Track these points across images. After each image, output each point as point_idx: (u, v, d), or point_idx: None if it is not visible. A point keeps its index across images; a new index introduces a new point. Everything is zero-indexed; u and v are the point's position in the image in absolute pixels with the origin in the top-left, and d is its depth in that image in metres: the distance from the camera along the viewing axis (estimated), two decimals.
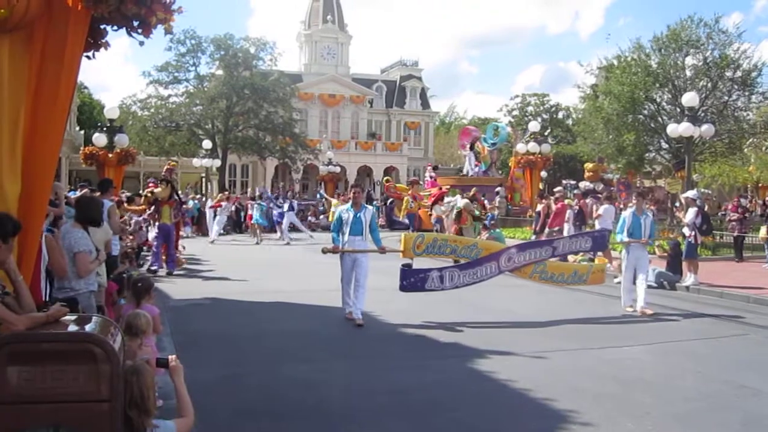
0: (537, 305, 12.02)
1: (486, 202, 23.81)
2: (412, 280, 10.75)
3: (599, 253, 15.31)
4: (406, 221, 32.53)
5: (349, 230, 10.60)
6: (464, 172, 36.67)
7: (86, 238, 6.64)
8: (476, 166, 35.39)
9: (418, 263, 11.47)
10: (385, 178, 38.32)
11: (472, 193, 24.27)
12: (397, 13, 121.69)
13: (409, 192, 26.88)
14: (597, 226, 17.75)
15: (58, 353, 3.73)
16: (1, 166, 4.41)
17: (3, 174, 4.41)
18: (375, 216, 11.27)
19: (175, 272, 16.12)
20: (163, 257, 16.40)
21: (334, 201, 28.84)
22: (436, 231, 21.95)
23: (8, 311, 4.03)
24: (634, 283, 11.69)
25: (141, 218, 16.55)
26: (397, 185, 36.11)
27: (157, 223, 16.39)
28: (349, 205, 10.97)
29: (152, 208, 16.48)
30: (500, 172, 37.05)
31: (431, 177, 37.27)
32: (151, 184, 18.45)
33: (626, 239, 11.77)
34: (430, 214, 25.37)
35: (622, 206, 20.96)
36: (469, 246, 11.41)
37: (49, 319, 4.05)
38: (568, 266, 12.77)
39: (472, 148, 36.32)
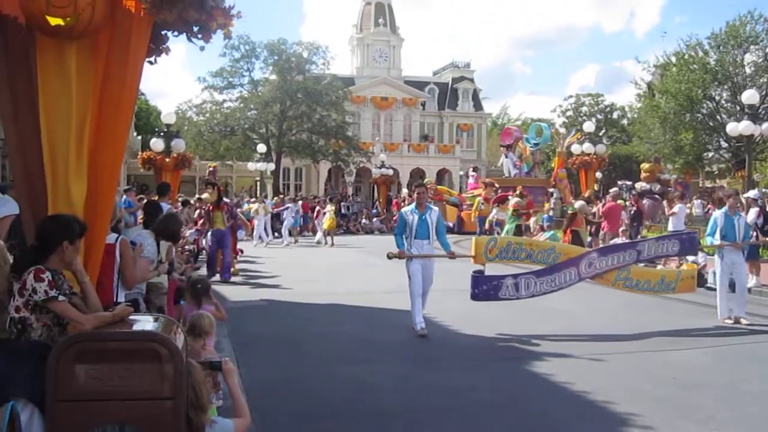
0: (601, 308, 11.82)
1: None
2: (484, 288, 9.90)
3: (689, 258, 13.87)
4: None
5: (414, 234, 9.84)
6: (505, 173, 36.19)
7: (154, 247, 6.81)
8: (517, 166, 34.94)
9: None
10: (427, 180, 38.16)
11: (518, 191, 24.02)
12: (449, 15, 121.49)
13: (482, 194, 25.98)
14: (671, 226, 17.44)
15: (124, 352, 3.83)
16: (68, 169, 4.52)
17: (70, 177, 4.53)
18: (441, 218, 10.43)
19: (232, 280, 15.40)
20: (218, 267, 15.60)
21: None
22: (496, 234, 21.22)
23: (76, 311, 4.14)
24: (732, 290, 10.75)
25: (194, 230, 16.20)
26: (439, 187, 36.03)
27: (210, 229, 15.78)
28: (413, 206, 10.11)
29: (204, 216, 16.08)
30: (544, 173, 36.46)
31: (473, 178, 37.06)
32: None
33: (718, 242, 10.84)
34: (485, 217, 24.81)
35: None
36: (547, 250, 10.45)
37: (115, 318, 4.15)
38: (655, 272, 11.62)
39: (514, 148, 35.89)
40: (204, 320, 5.76)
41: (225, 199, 16.53)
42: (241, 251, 19.17)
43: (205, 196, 16.02)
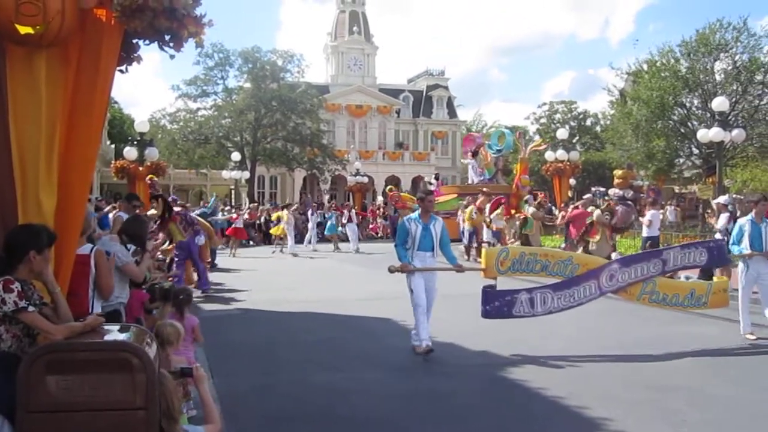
0: (578, 314, 11.84)
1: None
2: (496, 305, 9.11)
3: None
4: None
5: (417, 245, 9.07)
6: (469, 179, 36.08)
7: (124, 250, 6.78)
8: (479, 173, 34.83)
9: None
10: (388, 187, 37.99)
11: (540, 198, 23.41)
12: (424, 23, 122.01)
13: (477, 203, 25.17)
14: (644, 234, 17.47)
15: (94, 362, 3.80)
16: (37, 179, 4.50)
17: (40, 187, 4.50)
18: (445, 228, 9.58)
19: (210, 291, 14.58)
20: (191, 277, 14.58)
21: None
22: (493, 245, 19.92)
23: (46, 321, 4.10)
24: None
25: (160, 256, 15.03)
26: (402, 194, 36.00)
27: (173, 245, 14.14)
28: (416, 214, 9.34)
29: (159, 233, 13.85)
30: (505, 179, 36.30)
31: (435, 186, 36.92)
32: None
33: (748, 251, 9.85)
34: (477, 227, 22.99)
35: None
36: (563, 261, 9.46)
37: (86, 328, 4.13)
38: (684, 285, 10.57)
39: (475, 155, 35.73)
40: (167, 329, 5.61)
41: (175, 209, 14.68)
42: (210, 263, 18.44)
43: (151, 212, 13.39)
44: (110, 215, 12.04)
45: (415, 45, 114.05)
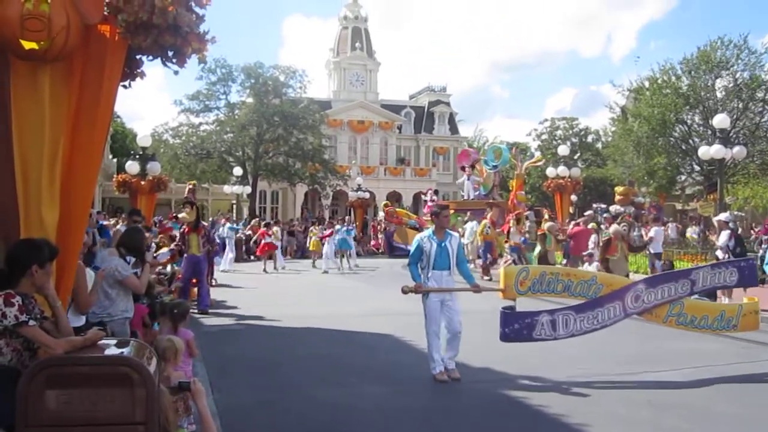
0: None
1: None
2: (516, 327, 8.49)
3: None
4: (404, 246, 32.05)
5: (432, 264, 8.51)
6: (464, 195, 35.97)
7: (124, 263, 6.80)
8: (475, 189, 34.74)
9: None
10: (384, 203, 37.92)
11: (546, 215, 22.84)
12: (426, 40, 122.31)
13: (489, 216, 23.52)
14: (650, 250, 17.34)
15: (95, 377, 3.80)
16: (40, 193, 4.52)
17: (42, 201, 4.53)
18: (462, 246, 9.21)
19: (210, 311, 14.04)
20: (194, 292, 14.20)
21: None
22: (513, 262, 19.27)
23: (47, 335, 4.11)
24: None
25: (167, 250, 14.54)
26: (398, 210, 35.94)
27: (185, 254, 14.05)
28: (430, 232, 8.81)
29: (177, 238, 14.46)
30: (501, 195, 36.08)
31: (432, 201, 36.84)
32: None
33: None
34: (491, 242, 22.21)
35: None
36: (587, 281, 8.92)
37: (86, 342, 4.13)
38: (713, 307, 9.92)
39: (471, 169, 35.61)
40: (164, 343, 5.56)
41: (203, 222, 15.06)
42: (215, 280, 18.45)
43: (182, 215, 14.53)
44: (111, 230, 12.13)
45: (417, 61, 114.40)
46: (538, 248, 18.60)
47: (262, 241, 26.02)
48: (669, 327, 9.29)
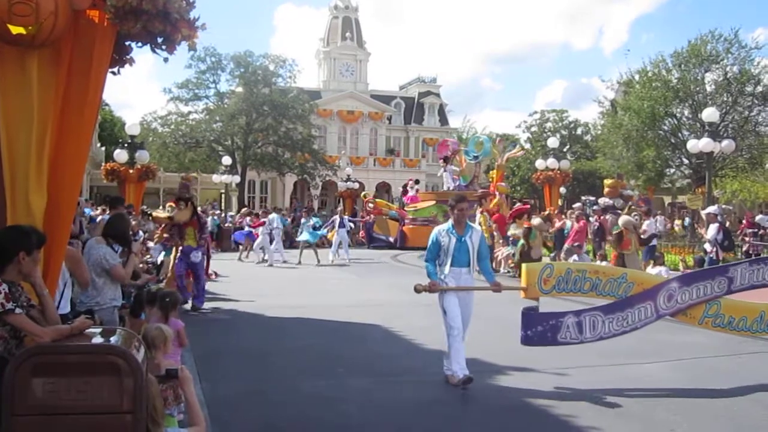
0: None
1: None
2: (539, 330, 7.85)
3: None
4: (384, 238, 31.76)
5: (450, 260, 7.91)
6: (444, 186, 35.86)
7: (112, 252, 6.76)
8: (455, 180, 34.61)
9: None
10: (363, 194, 37.81)
11: (550, 210, 22.35)
12: (416, 30, 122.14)
13: (482, 208, 22.43)
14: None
15: (82, 365, 3.77)
16: (27, 180, 4.48)
17: (29, 187, 4.48)
18: (484, 240, 8.58)
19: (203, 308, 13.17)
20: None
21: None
22: (513, 255, 19.09)
23: (33, 323, 4.08)
24: None
25: (159, 245, 14.57)
26: (377, 201, 35.90)
27: (180, 247, 13.09)
28: (449, 225, 8.11)
29: (172, 231, 13.32)
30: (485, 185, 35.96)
31: (414, 191, 36.75)
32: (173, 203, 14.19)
33: None
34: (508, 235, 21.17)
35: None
36: (617, 279, 8.14)
37: (73, 331, 4.10)
38: (752, 307, 8.70)
39: (452, 161, 35.48)
40: (153, 332, 5.49)
41: (197, 217, 13.64)
42: (215, 273, 17.98)
43: (177, 214, 13.04)
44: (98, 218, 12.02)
45: (407, 52, 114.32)
46: (521, 242, 18.33)
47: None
48: (705, 329, 8.57)
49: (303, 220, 25.50)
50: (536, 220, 18.62)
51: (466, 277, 7.98)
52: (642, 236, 16.44)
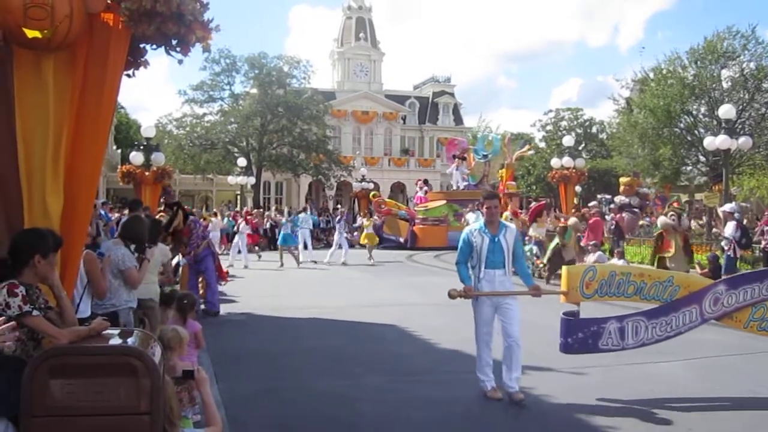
0: None
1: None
2: (580, 336, 7.46)
3: None
4: (394, 238, 31.23)
5: (484, 262, 7.29)
6: (453, 185, 35.69)
7: (130, 254, 6.80)
8: (464, 179, 34.40)
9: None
10: (372, 193, 37.66)
11: (582, 212, 20.82)
12: (431, 29, 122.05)
13: (509, 207, 21.82)
14: None
15: (99, 366, 3.78)
16: (44, 182, 4.51)
17: (46, 189, 4.51)
18: (520, 239, 8.07)
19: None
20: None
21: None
22: (537, 255, 18.71)
23: (51, 325, 4.10)
24: None
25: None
26: (386, 200, 35.81)
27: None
28: (481, 224, 7.54)
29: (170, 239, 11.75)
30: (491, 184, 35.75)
31: (423, 191, 36.61)
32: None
33: None
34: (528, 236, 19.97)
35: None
36: (663, 282, 7.73)
37: (91, 332, 4.12)
38: None
39: (460, 160, 35.28)
40: (169, 333, 5.47)
41: (191, 216, 13.05)
42: (227, 274, 16.79)
43: (174, 223, 12.06)
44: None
45: (421, 52, 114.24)
46: (555, 240, 17.78)
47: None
48: (750, 333, 8.14)
49: (284, 222, 24.78)
50: (572, 220, 17.88)
51: (502, 279, 7.31)
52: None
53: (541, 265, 18.38)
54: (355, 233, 32.74)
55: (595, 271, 7.67)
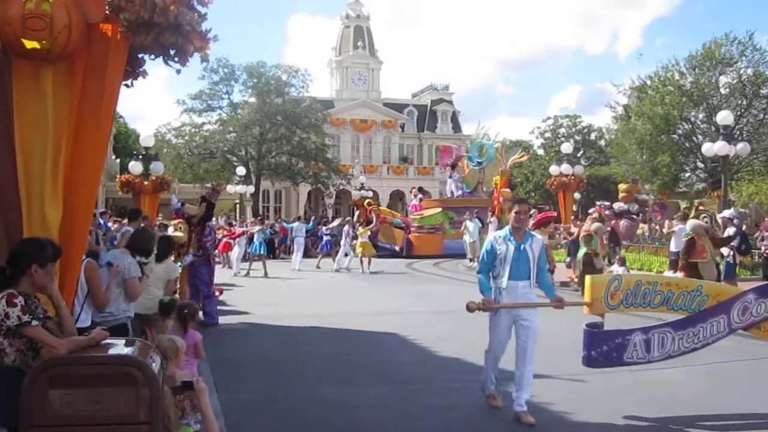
0: (580, 328, 11.71)
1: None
2: (604, 349, 7.11)
3: None
4: (389, 246, 30.87)
5: (508, 272, 6.75)
6: (447, 193, 35.64)
7: (136, 265, 6.80)
8: (458, 187, 34.33)
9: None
10: (367, 201, 37.60)
11: (596, 211, 20.20)
12: (429, 38, 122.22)
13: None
14: (673, 246, 16.56)
15: (98, 376, 3.79)
16: (43, 192, 4.51)
17: (45, 200, 4.52)
18: (544, 249, 7.38)
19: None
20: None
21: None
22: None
23: (50, 335, 4.10)
24: None
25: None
26: (381, 209, 35.78)
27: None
28: (506, 231, 6.98)
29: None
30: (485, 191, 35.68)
31: (418, 199, 36.55)
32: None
33: None
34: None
35: (657, 227, 20.57)
36: (691, 292, 7.34)
37: (90, 342, 4.12)
38: None
39: (454, 167, 35.21)
40: (165, 343, 5.43)
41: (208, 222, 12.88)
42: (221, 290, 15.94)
43: (193, 209, 12.34)
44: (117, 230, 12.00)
45: (420, 59, 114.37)
46: (583, 249, 16.90)
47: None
48: None
49: (256, 230, 24.47)
50: (595, 225, 17.12)
51: (525, 291, 6.82)
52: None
53: (575, 279, 16.95)
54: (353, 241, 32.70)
55: (620, 280, 7.31)
